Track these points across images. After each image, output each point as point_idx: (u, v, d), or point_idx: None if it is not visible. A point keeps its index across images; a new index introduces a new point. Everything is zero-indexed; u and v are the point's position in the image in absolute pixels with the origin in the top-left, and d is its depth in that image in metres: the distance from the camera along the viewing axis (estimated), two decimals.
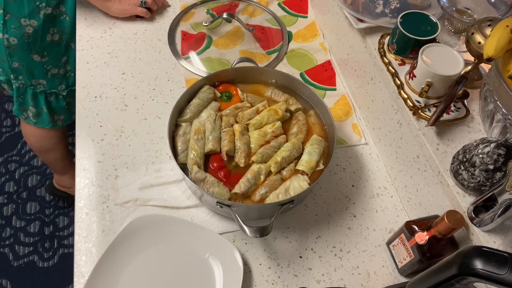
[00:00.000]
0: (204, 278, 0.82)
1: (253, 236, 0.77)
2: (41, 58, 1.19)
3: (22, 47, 1.15)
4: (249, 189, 0.86)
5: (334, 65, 1.21)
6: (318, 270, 0.86)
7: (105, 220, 0.88)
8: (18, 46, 1.14)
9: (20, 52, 1.16)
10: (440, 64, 0.83)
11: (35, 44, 1.15)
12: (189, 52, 1.20)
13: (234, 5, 1.33)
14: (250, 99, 1.00)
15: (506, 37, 0.73)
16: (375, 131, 1.04)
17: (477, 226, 0.72)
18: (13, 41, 1.12)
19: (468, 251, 0.52)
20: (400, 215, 0.94)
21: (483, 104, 0.80)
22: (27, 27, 1.11)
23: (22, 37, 1.12)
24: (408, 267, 0.81)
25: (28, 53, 1.17)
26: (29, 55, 1.17)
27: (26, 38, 1.13)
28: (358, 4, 1.02)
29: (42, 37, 1.15)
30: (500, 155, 0.69)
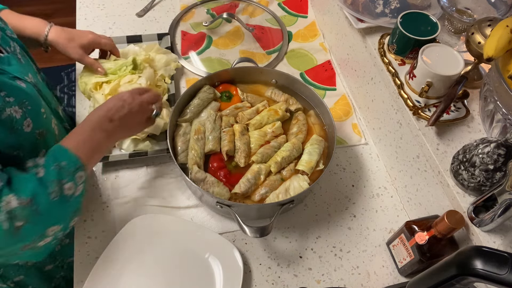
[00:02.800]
0: (204, 278, 0.82)
1: (253, 236, 0.77)
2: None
3: None
4: (249, 189, 0.86)
5: (334, 65, 1.21)
6: (318, 270, 0.86)
7: (105, 220, 0.88)
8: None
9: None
10: (440, 64, 0.83)
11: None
12: (189, 52, 1.20)
13: (234, 5, 1.33)
14: (250, 99, 1.00)
15: (506, 37, 0.73)
16: (375, 131, 1.04)
17: (477, 226, 0.72)
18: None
19: (468, 251, 0.52)
20: (400, 215, 0.94)
21: (483, 104, 0.80)
22: None
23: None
24: (408, 267, 0.81)
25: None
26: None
27: None
28: (358, 4, 1.02)
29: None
30: (500, 155, 0.69)
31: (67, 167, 0.68)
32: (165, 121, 0.95)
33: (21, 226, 0.63)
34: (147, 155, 0.95)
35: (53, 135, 0.82)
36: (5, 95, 0.67)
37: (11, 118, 0.67)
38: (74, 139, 0.73)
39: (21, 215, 0.63)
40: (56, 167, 0.67)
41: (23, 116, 0.70)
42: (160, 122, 0.95)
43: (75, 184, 0.69)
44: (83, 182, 0.71)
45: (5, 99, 0.67)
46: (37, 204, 0.64)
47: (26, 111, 0.71)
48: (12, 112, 0.67)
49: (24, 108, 0.70)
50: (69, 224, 0.71)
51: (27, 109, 0.71)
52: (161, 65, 1.06)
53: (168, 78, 1.07)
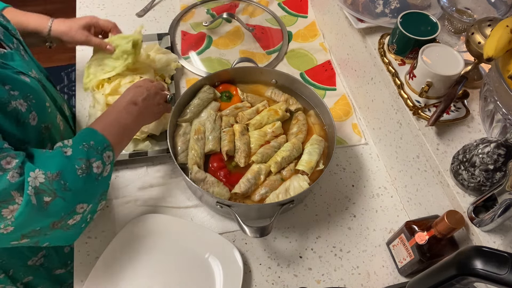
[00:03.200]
0: (204, 278, 0.82)
1: (253, 236, 0.77)
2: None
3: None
4: (249, 189, 0.86)
5: (334, 65, 1.21)
6: (318, 270, 0.86)
7: (105, 220, 0.88)
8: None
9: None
10: (440, 64, 0.83)
11: None
12: (189, 52, 1.20)
13: (234, 5, 1.33)
14: (250, 99, 1.00)
15: (506, 37, 0.73)
16: (375, 131, 1.04)
17: (477, 226, 0.72)
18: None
19: (468, 251, 0.52)
20: (400, 215, 0.94)
21: (483, 104, 0.80)
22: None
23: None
24: (408, 267, 0.81)
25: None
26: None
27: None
28: (358, 4, 1.02)
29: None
30: (500, 155, 0.69)
31: (95, 146, 0.70)
32: (165, 121, 0.95)
33: (50, 201, 0.64)
34: (147, 155, 0.95)
35: (58, 130, 0.82)
36: (10, 88, 0.68)
37: (17, 111, 0.68)
38: (101, 122, 0.76)
39: (49, 189, 0.63)
40: (84, 146, 0.69)
41: (28, 109, 0.70)
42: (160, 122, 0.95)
43: (103, 163, 0.70)
44: (111, 163, 0.73)
45: (10, 92, 0.68)
46: (65, 179, 0.65)
47: (31, 105, 0.71)
48: (17, 105, 0.68)
49: (29, 101, 0.71)
50: (97, 205, 0.73)
51: (32, 103, 0.72)
52: (161, 65, 1.06)
53: (168, 78, 1.07)
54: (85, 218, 0.71)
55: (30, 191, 0.62)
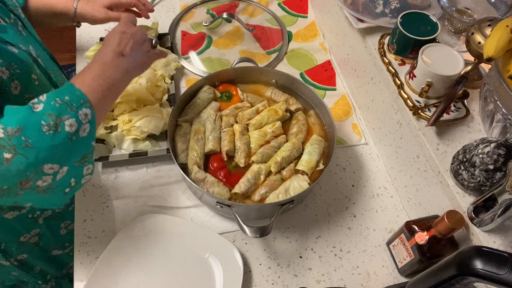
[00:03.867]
0: (204, 278, 0.82)
1: (253, 236, 0.77)
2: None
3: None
4: (249, 189, 0.86)
5: (334, 65, 1.21)
6: (318, 270, 0.86)
7: (105, 220, 0.88)
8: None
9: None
10: (440, 64, 0.83)
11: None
12: (189, 52, 1.20)
13: (234, 5, 1.33)
14: (250, 99, 1.00)
15: (506, 37, 0.73)
16: (375, 131, 1.04)
17: (477, 226, 0.72)
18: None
19: (468, 251, 0.52)
20: (400, 215, 0.94)
21: (483, 104, 0.80)
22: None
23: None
24: (408, 267, 0.81)
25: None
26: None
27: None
28: (358, 4, 1.02)
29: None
30: (500, 155, 0.69)
31: (69, 102, 0.63)
32: (165, 121, 0.95)
33: (11, 158, 0.59)
34: (147, 155, 0.95)
35: None
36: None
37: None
38: (83, 76, 0.69)
39: (9, 145, 0.59)
40: (57, 101, 0.63)
41: (10, 78, 0.69)
42: (160, 122, 0.95)
43: (78, 121, 0.63)
44: (90, 122, 0.66)
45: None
46: (26, 135, 0.59)
47: (14, 74, 0.70)
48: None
49: (12, 70, 0.69)
50: (81, 169, 0.67)
51: (15, 72, 0.70)
52: (161, 65, 1.06)
53: (168, 78, 1.07)
54: (65, 181, 0.65)
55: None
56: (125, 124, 0.95)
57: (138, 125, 0.93)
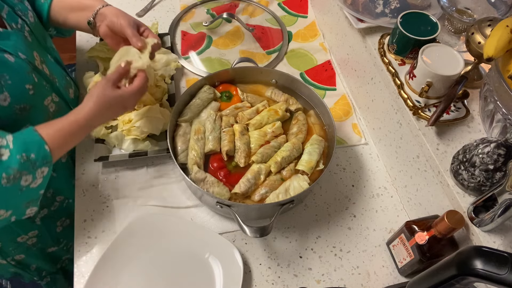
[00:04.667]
0: (204, 278, 0.82)
1: (253, 236, 0.77)
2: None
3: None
4: (249, 189, 0.86)
5: (334, 65, 1.21)
6: (318, 270, 0.86)
7: (105, 220, 0.88)
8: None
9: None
10: (440, 64, 0.83)
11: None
12: (189, 52, 1.20)
13: (234, 5, 1.33)
14: (250, 99, 1.00)
15: (506, 37, 0.73)
16: (375, 131, 1.04)
17: (477, 226, 0.72)
18: None
19: (468, 251, 0.52)
20: (400, 215, 0.94)
21: (483, 104, 0.80)
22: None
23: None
24: (408, 267, 0.81)
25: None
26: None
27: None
28: (358, 4, 1.02)
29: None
30: (500, 155, 0.69)
31: (33, 160, 0.66)
32: (165, 121, 0.95)
33: None
34: (147, 155, 0.95)
35: (42, 111, 0.81)
36: None
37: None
38: (55, 129, 0.71)
39: None
40: (22, 157, 0.65)
41: (0, 90, 0.70)
42: (160, 122, 0.95)
43: (33, 178, 0.67)
44: (44, 177, 0.69)
45: None
46: None
47: (4, 85, 0.70)
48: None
49: (3, 82, 0.70)
50: (24, 212, 0.70)
51: (6, 83, 0.71)
52: (161, 65, 1.06)
53: (168, 78, 1.07)
54: (4, 220, 0.68)
55: None
56: (125, 124, 0.95)
57: (138, 125, 0.93)
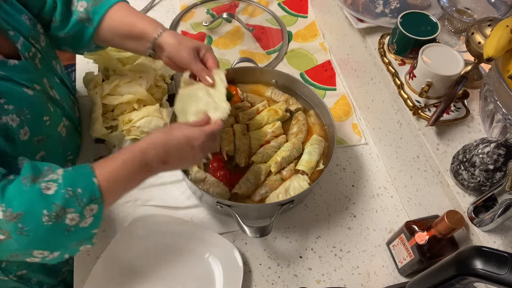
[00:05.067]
0: (204, 278, 0.82)
1: (253, 236, 0.77)
2: None
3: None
4: (249, 189, 0.86)
5: (334, 65, 1.21)
6: (318, 270, 0.86)
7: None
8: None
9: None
10: (440, 64, 0.83)
11: None
12: None
13: (234, 5, 1.33)
14: (250, 99, 1.00)
15: (506, 37, 0.73)
16: (375, 131, 1.04)
17: (477, 226, 0.72)
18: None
19: (468, 251, 0.52)
20: (400, 215, 0.94)
21: (483, 104, 0.80)
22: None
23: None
24: (408, 267, 0.81)
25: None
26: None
27: None
28: (358, 4, 1.02)
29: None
30: (500, 155, 0.69)
31: (80, 195, 0.61)
32: (165, 121, 0.95)
33: (3, 239, 0.59)
34: None
35: (56, 139, 0.81)
36: (4, 102, 0.66)
37: (6, 126, 0.66)
38: (109, 168, 0.65)
39: (5, 228, 0.58)
40: (68, 191, 0.60)
41: (20, 125, 0.68)
42: (160, 122, 0.95)
43: (81, 216, 0.61)
44: (95, 216, 0.63)
45: (4, 106, 0.66)
46: (24, 223, 0.58)
47: (24, 120, 0.69)
48: (8, 120, 0.66)
49: (23, 117, 0.69)
50: (77, 250, 0.65)
51: (25, 118, 0.70)
52: (161, 65, 1.06)
53: (168, 78, 1.07)
54: (54, 259, 0.64)
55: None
56: (125, 124, 0.95)
57: (138, 125, 0.93)
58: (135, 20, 0.83)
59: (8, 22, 0.73)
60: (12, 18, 0.74)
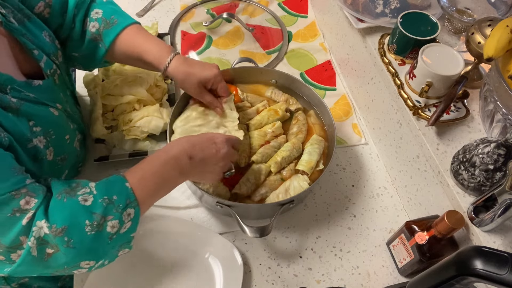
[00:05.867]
0: (204, 278, 0.82)
1: (253, 236, 0.77)
2: None
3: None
4: (249, 189, 0.86)
5: (334, 65, 1.21)
6: (318, 270, 0.86)
7: None
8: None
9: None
10: (440, 64, 0.83)
11: None
12: (189, 52, 1.20)
13: (234, 5, 1.33)
14: (250, 99, 1.00)
15: (506, 37, 0.73)
16: (375, 131, 1.04)
17: (477, 226, 0.72)
18: None
19: (468, 251, 0.52)
20: (400, 215, 0.94)
21: (483, 104, 0.80)
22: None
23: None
24: (408, 267, 0.81)
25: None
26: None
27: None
28: (358, 4, 1.02)
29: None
30: (500, 155, 0.69)
31: (116, 203, 0.63)
32: (165, 121, 0.95)
33: (52, 253, 0.60)
34: (147, 155, 0.95)
35: (74, 155, 0.81)
36: (33, 124, 0.66)
37: (36, 148, 0.67)
38: (140, 170, 0.67)
39: (52, 242, 0.59)
40: (104, 200, 0.62)
41: (46, 146, 0.69)
42: (160, 122, 0.95)
43: (120, 222, 0.63)
44: (132, 220, 0.65)
45: (33, 129, 0.66)
46: (69, 235, 0.59)
47: (49, 141, 0.70)
48: (37, 143, 0.67)
49: (48, 137, 0.70)
50: (116, 255, 0.67)
51: (51, 139, 0.70)
52: None
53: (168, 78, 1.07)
54: (98, 266, 0.65)
55: (32, 242, 0.58)
56: (125, 124, 0.95)
57: (138, 125, 0.93)
58: (144, 47, 0.84)
59: (33, 41, 0.73)
60: (35, 36, 0.74)
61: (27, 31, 0.73)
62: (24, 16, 0.74)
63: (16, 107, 0.65)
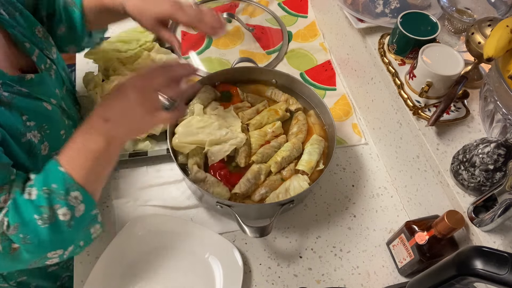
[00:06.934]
0: (204, 278, 0.82)
1: (253, 236, 0.77)
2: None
3: None
4: (249, 189, 0.86)
5: (334, 65, 1.21)
6: (318, 270, 0.86)
7: (105, 220, 0.88)
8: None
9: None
10: (440, 64, 0.83)
11: None
12: (189, 52, 1.20)
13: (234, 5, 1.33)
14: (250, 99, 1.00)
15: (506, 37, 0.73)
16: (375, 131, 1.04)
17: (477, 226, 0.72)
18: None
19: (468, 251, 0.52)
20: (400, 215, 0.94)
21: (483, 104, 0.80)
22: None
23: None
24: (408, 267, 0.81)
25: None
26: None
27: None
28: (358, 4, 1.02)
29: None
30: (500, 155, 0.69)
31: (57, 190, 0.60)
32: None
33: (18, 248, 0.60)
34: (147, 155, 0.95)
35: None
36: (26, 119, 0.66)
37: (30, 143, 0.67)
38: (68, 151, 0.63)
39: (15, 239, 0.59)
40: (44, 191, 0.60)
41: (40, 141, 0.69)
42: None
43: (70, 208, 0.60)
44: (84, 201, 0.62)
45: (26, 123, 0.66)
46: (24, 232, 0.59)
47: (44, 135, 0.70)
48: (31, 137, 0.67)
49: (43, 132, 0.70)
50: (89, 235, 0.66)
51: (45, 133, 0.70)
52: None
53: None
54: (73, 252, 0.65)
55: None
56: None
57: None
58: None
59: (24, 34, 0.73)
60: (27, 31, 0.75)
61: (18, 24, 0.73)
62: (15, 9, 0.74)
63: (8, 101, 0.65)
